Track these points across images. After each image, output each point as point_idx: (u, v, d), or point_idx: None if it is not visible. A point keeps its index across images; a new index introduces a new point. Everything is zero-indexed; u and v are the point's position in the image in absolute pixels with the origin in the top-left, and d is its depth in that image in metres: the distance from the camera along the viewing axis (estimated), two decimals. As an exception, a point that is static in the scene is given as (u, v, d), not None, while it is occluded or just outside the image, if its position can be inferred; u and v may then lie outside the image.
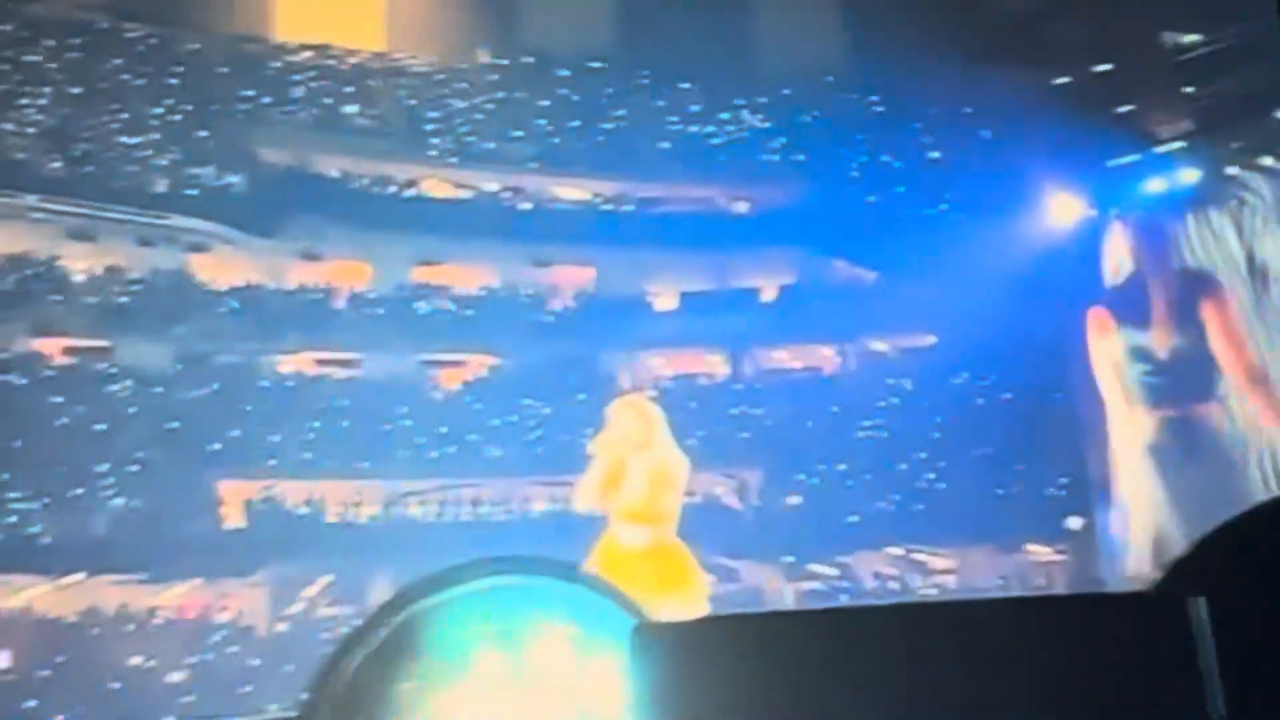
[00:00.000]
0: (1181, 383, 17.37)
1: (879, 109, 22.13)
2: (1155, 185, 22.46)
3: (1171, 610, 1.16)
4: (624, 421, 9.23)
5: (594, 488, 9.14)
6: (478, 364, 21.23)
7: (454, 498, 20.09)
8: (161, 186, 20.33)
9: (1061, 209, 22.49)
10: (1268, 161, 22.45)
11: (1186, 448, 17.22)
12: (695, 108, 22.15)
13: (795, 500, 20.71)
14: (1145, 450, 17.92)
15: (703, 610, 10.35)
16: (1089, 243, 22.29)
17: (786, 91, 22.22)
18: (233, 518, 19.38)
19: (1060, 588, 20.82)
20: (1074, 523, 21.11)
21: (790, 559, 20.41)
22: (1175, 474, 18.16)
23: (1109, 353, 17.11)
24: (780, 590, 20.37)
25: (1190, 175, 22.38)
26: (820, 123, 22.20)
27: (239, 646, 18.77)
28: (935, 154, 22.44)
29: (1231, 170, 22.57)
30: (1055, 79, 22.47)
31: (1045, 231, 22.29)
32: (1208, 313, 17.11)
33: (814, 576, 20.42)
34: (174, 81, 20.78)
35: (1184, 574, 1.31)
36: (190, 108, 20.65)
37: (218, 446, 19.37)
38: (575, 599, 1.45)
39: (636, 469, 9.02)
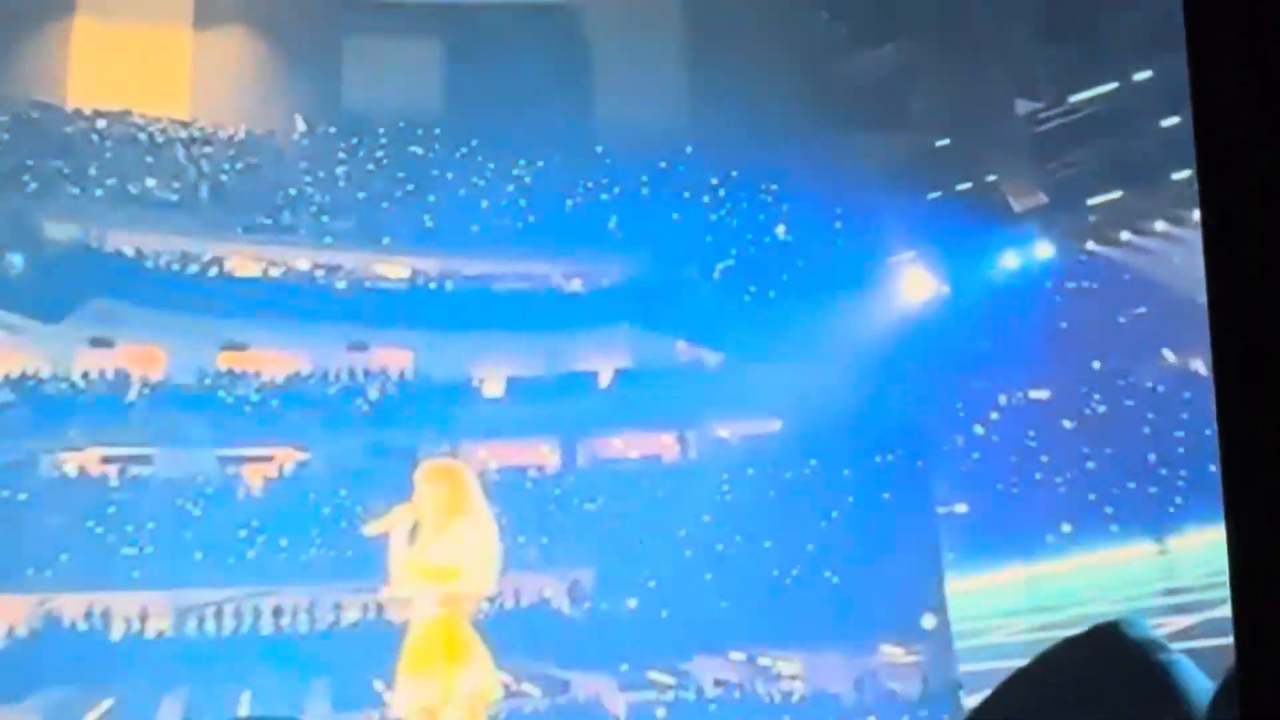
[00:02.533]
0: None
1: (724, 181, 20.22)
2: (1010, 260, 20.92)
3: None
4: (430, 488, 8.62)
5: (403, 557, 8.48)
6: (285, 458, 18.87)
7: (254, 608, 17.72)
8: (-71, 268, 17.78)
9: (914, 285, 20.84)
10: (1125, 236, 21.03)
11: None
12: (527, 178, 20.04)
13: (631, 603, 18.59)
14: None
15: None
16: (942, 320, 20.75)
17: (625, 163, 20.21)
18: (2, 637, 16.76)
19: (915, 691, 18.97)
20: (928, 621, 19.31)
21: (625, 667, 18.25)
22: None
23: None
24: (615, 701, 18.24)
25: (1045, 250, 20.89)
26: (660, 195, 20.27)
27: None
28: (782, 228, 20.58)
29: (1090, 245, 21.16)
30: (908, 149, 20.74)
31: (897, 309, 20.62)
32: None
33: (650, 686, 18.30)
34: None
35: None
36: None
37: (-14, 557, 16.78)
38: None
39: (441, 531, 8.49)
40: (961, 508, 19.91)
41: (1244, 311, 1.15)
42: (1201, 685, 1.42)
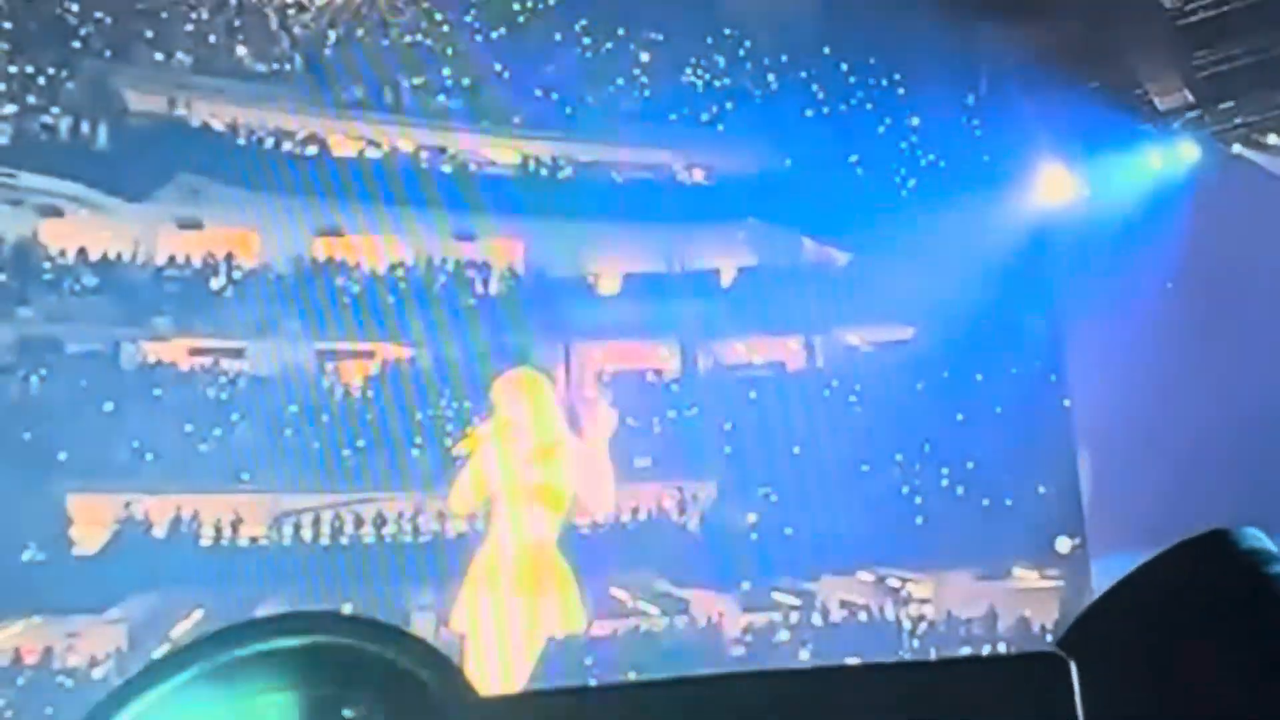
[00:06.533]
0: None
1: (856, 71, 17.37)
2: (1153, 161, 18.21)
3: (1051, 673, 0.91)
4: (506, 404, 8.08)
5: (469, 487, 8.06)
6: (387, 355, 16.38)
7: (354, 515, 15.30)
8: (4, 137, 15.12)
9: (1053, 186, 18.15)
10: (1273, 140, 18.26)
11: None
12: (648, 58, 17.18)
13: (753, 518, 16.22)
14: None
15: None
16: (1083, 224, 18.13)
17: (752, 47, 17.37)
18: (85, 541, 14.39)
19: (1050, 617, 16.53)
20: (1063, 545, 16.82)
21: (746, 586, 15.84)
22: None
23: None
24: (735, 623, 15.87)
25: (1191, 151, 18.15)
26: (790, 85, 17.44)
27: (88, 698, 13.76)
28: (916, 120, 17.73)
29: (1236, 149, 18.37)
30: (1047, 41, 17.91)
31: (1036, 211, 17.97)
32: None
33: (773, 607, 15.90)
34: (22, 13, 15.48)
35: (1080, 634, 1.05)
36: (44, 44, 15.41)
37: (66, 454, 14.36)
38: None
39: (546, 451, 7.90)
40: (1103, 421, 17.31)
41: None
42: None
